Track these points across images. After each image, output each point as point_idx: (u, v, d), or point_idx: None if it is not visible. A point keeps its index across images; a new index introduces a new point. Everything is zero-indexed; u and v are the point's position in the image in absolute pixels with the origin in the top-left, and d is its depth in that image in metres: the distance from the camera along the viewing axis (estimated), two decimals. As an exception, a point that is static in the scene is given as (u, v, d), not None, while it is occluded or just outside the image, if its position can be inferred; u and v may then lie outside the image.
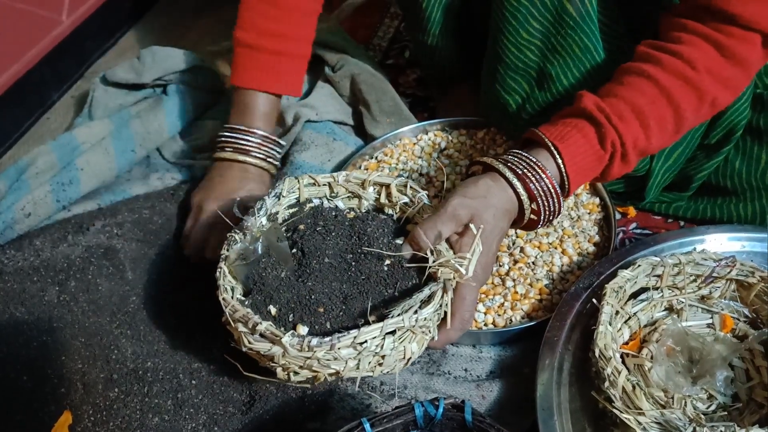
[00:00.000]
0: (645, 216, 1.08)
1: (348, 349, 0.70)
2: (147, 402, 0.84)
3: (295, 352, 0.70)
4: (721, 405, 0.80)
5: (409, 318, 0.71)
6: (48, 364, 0.87)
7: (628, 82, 0.83)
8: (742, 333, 0.86)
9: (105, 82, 1.29)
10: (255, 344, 0.71)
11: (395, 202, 0.86)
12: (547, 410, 0.80)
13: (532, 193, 0.81)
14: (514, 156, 0.82)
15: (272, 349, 0.71)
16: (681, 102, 0.82)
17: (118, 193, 1.11)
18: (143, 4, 1.61)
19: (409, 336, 0.73)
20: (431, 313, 0.73)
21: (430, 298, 0.74)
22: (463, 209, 0.78)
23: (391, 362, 0.74)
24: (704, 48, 0.81)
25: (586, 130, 0.82)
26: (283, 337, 0.70)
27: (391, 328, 0.71)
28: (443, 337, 0.78)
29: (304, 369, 0.72)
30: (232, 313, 0.73)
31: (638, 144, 0.82)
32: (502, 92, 1.00)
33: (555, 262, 0.97)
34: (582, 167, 0.82)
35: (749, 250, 0.94)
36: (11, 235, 1.04)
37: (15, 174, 1.10)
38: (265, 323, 0.71)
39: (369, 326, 0.70)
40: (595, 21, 0.90)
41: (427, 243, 0.77)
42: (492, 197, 0.80)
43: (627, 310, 0.84)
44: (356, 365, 0.72)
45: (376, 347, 0.71)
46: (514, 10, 0.90)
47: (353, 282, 0.79)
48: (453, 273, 0.75)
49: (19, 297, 0.94)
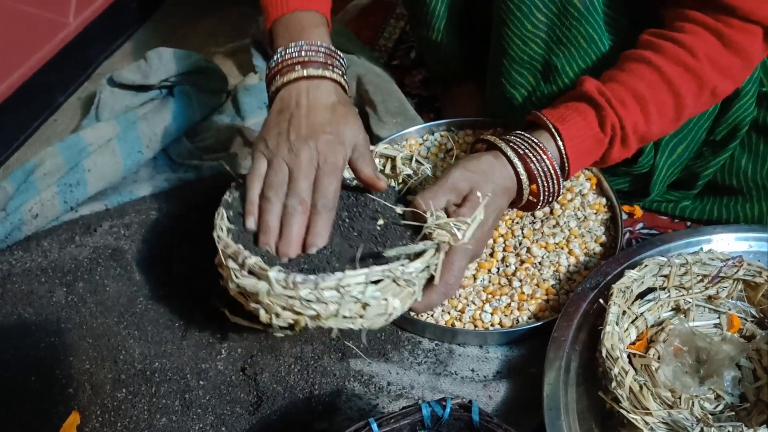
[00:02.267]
0: (651, 216, 1.08)
1: (331, 291, 0.70)
2: (155, 402, 0.85)
3: (279, 289, 0.70)
4: (729, 405, 0.80)
5: (395, 268, 0.71)
6: (56, 365, 0.88)
7: (630, 68, 0.84)
8: (749, 333, 0.85)
9: (112, 83, 1.29)
10: (242, 279, 0.72)
11: (399, 173, 0.88)
12: (554, 410, 0.80)
13: (533, 173, 0.83)
14: (516, 136, 0.84)
15: (258, 285, 0.71)
16: (681, 88, 0.83)
17: (125, 194, 1.12)
18: (149, 6, 1.62)
19: (393, 288, 0.73)
20: (419, 269, 0.73)
21: (420, 254, 0.74)
22: (463, 181, 0.80)
23: (372, 314, 0.73)
24: (705, 37, 0.82)
25: (586, 113, 0.83)
26: (270, 271, 0.70)
27: (377, 276, 0.71)
28: (426, 300, 0.78)
29: (287, 310, 0.72)
30: (224, 249, 0.74)
31: (638, 128, 0.84)
32: (508, 86, 1.00)
33: (562, 262, 0.97)
34: (582, 149, 0.84)
35: (756, 250, 0.94)
36: (19, 236, 1.04)
37: (22, 176, 1.11)
38: (254, 258, 0.72)
39: (354, 270, 0.70)
40: (600, 12, 0.90)
41: (428, 207, 0.78)
42: (493, 173, 0.82)
43: (634, 310, 0.84)
44: (337, 310, 0.71)
45: (359, 293, 0.71)
46: (519, 2, 0.90)
47: (344, 236, 0.80)
48: (449, 236, 0.76)
49: (27, 298, 0.95)
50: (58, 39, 1.33)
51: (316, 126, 0.79)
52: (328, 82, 0.82)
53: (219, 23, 1.59)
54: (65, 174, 1.11)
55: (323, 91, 0.81)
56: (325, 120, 0.79)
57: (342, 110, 0.81)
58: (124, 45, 1.54)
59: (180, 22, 1.60)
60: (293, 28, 0.84)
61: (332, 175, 0.78)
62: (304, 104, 0.80)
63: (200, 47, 1.46)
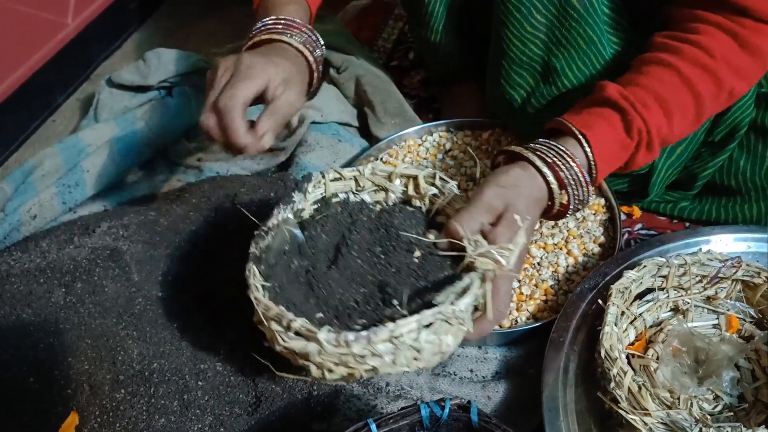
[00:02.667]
0: (650, 216, 1.08)
1: (385, 343, 0.67)
2: (153, 403, 0.85)
3: (331, 348, 0.67)
4: (728, 405, 0.80)
5: (446, 309, 0.68)
6: (54, 366, 0.88)
7: (649, 71, 0.84)
8: (748, 333, 0.85)
9: (110, 84, 1.29)
10: (290, 342, 0.69)
11: (424, 194, 0.84)
12: (553, 411, 0.80)
13: (563, 181, 0.80)
14: (542, 145, 0.82)
15: (308, 347, 0.68)
16: (701, 90, 0.83)
17: (124, 195, 1.12)
18: (148, 7, 1.62)
19: (446, 328, 0.70)
20: (468, 304, 0.71)
21: (467, 289, 0.71)
22: (496, 199, 0.77)
23: (428, 356, 0.70)
24: (720, 37, 0.82)
25: (612, 119, 0.82)
26: (319, 333, 0.67)
27: (429, 320, 0.68)
28: (478, 330, 0.75)
29: (340, 366, 0.69)
30: (266, 312, 0.70)
31: (662, 131, 0.83)
32: (507, 87, 0.99)
33: (560, 262, 0.97)
34: (608, 155, 0.83)
35: (755, 250, 0.94)
36: (17, 237, 1.04)
37: (21, 176, 1.11)
38: (300, 320, 0.68)
39: (405, 319, 0.67)
40: (600, 13, 0.90)
41: (465, 233, 0.75)
42: (523, 186, 0.79)
43: (632, 310, 0.84)
44: (392, 360, 0.69)
45: (413, 340, 0.68)
46: (518, 3, 0.90)
47: (384, 275, 0.77)
48: (492, 264, 0.73)
49: (25, 299, 0.95)
50: (56, 40, 1.33)
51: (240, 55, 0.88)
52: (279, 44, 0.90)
53: (218, 24, 1.59)
54: (64, 175, 1.11)
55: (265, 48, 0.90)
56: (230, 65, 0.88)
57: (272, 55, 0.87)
58: (123, 46, 1.54)
59: (179, 23, 1.60)
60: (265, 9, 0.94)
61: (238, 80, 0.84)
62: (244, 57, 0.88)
63: (199, 48, 1.46)
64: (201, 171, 1.16)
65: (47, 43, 1.32)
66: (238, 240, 1.03)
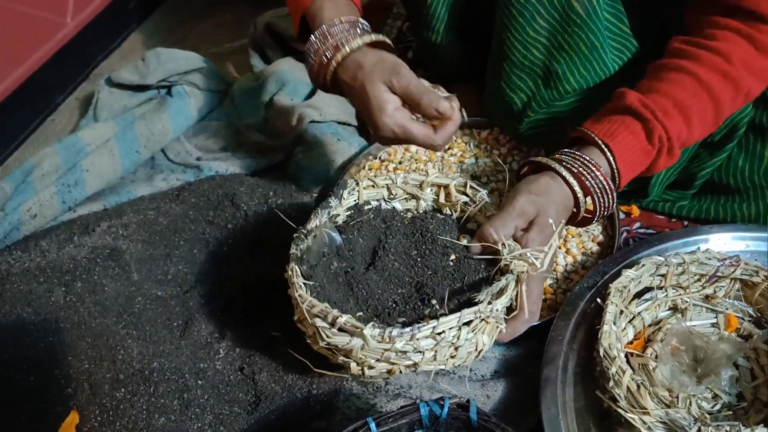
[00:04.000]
0: (649, 215, 1.08)
1: (427, 339, 0.71)
2: (153, 402, 0.85)
3: (375, 343, 0.70)
4: (726, 404, 0.80)
5: (485, 308, 0.72)
6: (55, 365, 0.88)
7: (668, 77, 0.85)
8: (746, 332, 0.86)
9: (110, 83, 1.29)
10: (334, 338, 0.72)
11: (455, 202, 0.88)
12: (552, 409, 0.80)
13: (588, 190, 0.84)
14: (567, 155, 0.85)
15: (352, 342, 0.71)
16: (720, 95, 0.84)
17: (123, 195, 1.12)
18: (147, 7, 1.62)
19: (483, 327, 0.74)
20: (504, 304, 0.75)
21: (503, 289, 0.75)
22: (530, 205, 0.81)
23: (464, 354, 0.75)
24: (738, 42, 0.83)
25: (633, 127, 0.84)
26: (365, 328, 0.70)
27: (468, 317, 0.72)
28: (511, 329, 0.80)
29: (381, 362, 0.72)
30: (309, 309, 0.73)
31: (682, 137, 0.85)
32: (508, 90, 1.00)
33: (559, 261, 0.97)
34: (631, 162, 0.85)
35: (753, 249, 0.94)
36: (17, 236, 1.04)
37: (21, 176, 1.11)
38: (345, 316, 0.72)
39: (447, 316, 0.71)
40: (602, 19, 0.90)
41: (499, 237, 0.79)
42: (553, 194, 0.83)
43: (631, 309, 0.84)
44: (433, 356, 0.72)
45: (453, 337, 0.72)
46: (521, 8, 0.90)
47: (421, 276, 0.81)
48: (527, 266, 0.77)
49: (25, 298, 0.95)
50: (56, 39, 1.33)
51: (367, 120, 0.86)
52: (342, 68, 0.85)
53: (217, 24, 1.59)
54: (63, 174, 1.11)
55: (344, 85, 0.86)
56: (362, 111, 0.85)
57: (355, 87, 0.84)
58: (122, 45, 1.54)
59: (178, 23, 1.60)
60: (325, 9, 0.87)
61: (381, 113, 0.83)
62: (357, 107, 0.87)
63: (198, 48, 1.46)
64: (200, 170, 1.16)
65: (46, 43, 1.32)
66: (238, 239, 1.04)
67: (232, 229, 1.05)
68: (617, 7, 0.93)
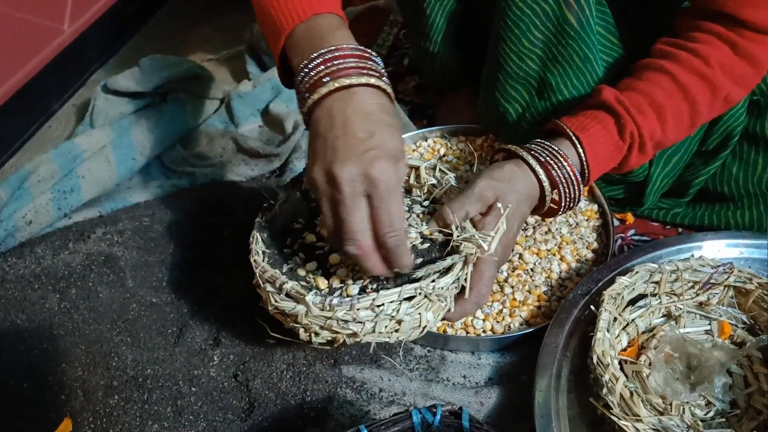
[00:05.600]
0: (643, 222, 1.08)
1: (366, 311, 0.72)
2: (147, 409, 0.85)
3: (317, 311, 0.72)
4: (720, 412, 0.80)
5: (426, 285, 0.73)
6: (48, 372, 0.88)
7: (647, 77, 0.86)
8: (740, 339, 0.86)
9: (106, 90, 1.29)
10: (281, 303, 0.74)
11: (423, 183, 0.89)
12: (545, 417, 0.80)
13: (554, 180, 0.84)
14: (537, 145, 0.86)
15: (296, 308, 0.73)
16: (696, 96, 0.85)
17: (119, 201, 1.12)
18: (144, 13, 1.62)
19: (426, 304, 0.75)
20: (449, 283, 0.75)
21: (449, 269, 0.76)
22: (489, 191, 0.81)
23: (407, 329, 0.76)
24: (719, 46, 0.84)
25: (606, 122, 0.85)
26: (307, 295, 0.72)
27: (409, 294, 0.73)
28: (459, 310, 0.80)
29: (325, 329, 0.74)
30: (262, 274, 0.76)
31: (655, 136, 0.86)
32: (502, 100, 1.00)
33: (553, 268, 0.97)
34: (602, 157, 0.86)
35: (747, 256, 0.94)
36: (12, 243, 1.04)
37: (17, 182, 1.11)
38: (292, 283, 0.74)
39: (387, 290, 0.73)
40: (595, 32, 0.91)
41: (454, 220, 0.80)
42: (516, 182, 0.83)
43: (625, 316, 0.85)
44: (373, 327, 0.74)
45: (393, 311, 0.73)
46: (517, 20, 0.91)
47: None
48: (475, 248, 0.78)
49: (20, 304, 0.95)
50: (53, 46, 1.34)
51: (353, 145, 0.67)
52: (364, 89, 0.70)
53: (213, 30, 1.60)
54: (59, 181, 1.11)
55: (358, 100, 0.69)
56: (363, 134, 0.67)
57: (383, 118, 0.69)
58: (119, 52, 1.54)
59: (174, 30, 1.60)
60: (312, 36, 0.73)
61: (389, 198, 0.68)
62: (338, 123, 0.68)
63: (194, 54, 1.46)
64: (196, 177, 1.16)
65: (43, 49, 1.32)
66: (233, 246, 1.04)
67: (227, 235, 1.05)
68: (607, 20, 0.94)
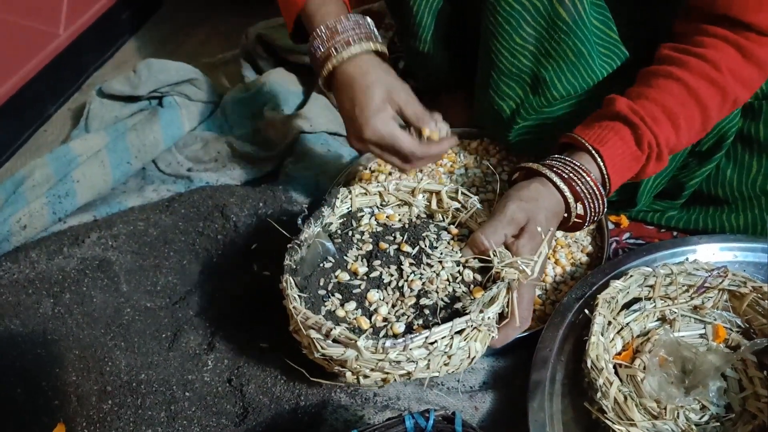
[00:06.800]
0: (638, 226, 1.08)
1: (420, 349, 0.71)
2: (140, 414, 0.85)
3: (369, 354, 0.71)
4: (714, 416, 0.80)
5: (476, 316, 0.72)
6: (42, 376, 0.88)
7: (657, 84, 0.86)
8: (734, 343, 0.86)
9: (101, 94, 1.30)
10: (328, 349, 0.72)
11: (446, 209, 0.88)
12: (539, 421, 0.80)
13: (579, 195, 0.84)
14: (557, 161, 0.86)
15: (346, 353, 0.71)
16: (707, 101, 0.85)
17: (114, 205, 1.12)
18: (140, 17, 1.62)
19: (475, 334, 0.75)
20: (496, 312, 0.75)
21: (494, 298, 0.76)
22: (520, 213, 0.81)
23: (457, 361, 0.75)
24: (726, 50, 0.85)
25: (623, 133, 0.85)
26: (359, 340, 0.70)
27: (460, 327, 0.72)
28: (503, 336, 0.80)
29: (376, 371, 0.73)
30: (304, 321, 0.73)
31: (670, 143, 0.86)
32: (496, 98, 1.00)
33: (548, 272, 0.97)
34: (621, 168, 0.86)
35: (741, 260, 0.94)
36: (7, 247, 1.04)
37: (12, 186, 1.11)
38: (339, 328, 0.72)
39: (439, 326, 0.71)
40: (589, 26, 0.91)
41: (490, 245, 0.80)
42: (543, 200, 0.83)
43: (619, 320, 0.84)
44: (426, 365, 0.73)
45: (446, 347, 0.72)
46: (508, 15, 0.91)
47: (415, 284, 0.80)
48: (518, 273, 0.77)
49: (14, 309, 0.95)
50: (48, 50, 1.34)
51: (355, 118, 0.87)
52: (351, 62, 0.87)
53: (209, 35, 1.60)
54: (54, 185, 1.11)
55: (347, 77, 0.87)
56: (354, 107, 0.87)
57: (360, 84, 0.87)
58: (115, 56, 1.54)
59: (170, 34, 1.61)
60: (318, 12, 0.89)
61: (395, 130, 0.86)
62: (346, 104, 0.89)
63: (190, 58, 1.46)
64: (191, 181, 1.16)
65: (39, 54, 1.32)
66: (228, 250, 1.04)
67: (221, 240, 1.05)
68: (605, 14, 0.93)
